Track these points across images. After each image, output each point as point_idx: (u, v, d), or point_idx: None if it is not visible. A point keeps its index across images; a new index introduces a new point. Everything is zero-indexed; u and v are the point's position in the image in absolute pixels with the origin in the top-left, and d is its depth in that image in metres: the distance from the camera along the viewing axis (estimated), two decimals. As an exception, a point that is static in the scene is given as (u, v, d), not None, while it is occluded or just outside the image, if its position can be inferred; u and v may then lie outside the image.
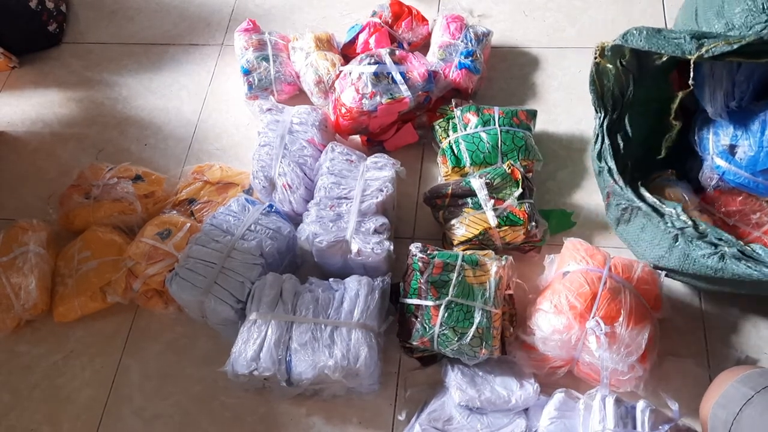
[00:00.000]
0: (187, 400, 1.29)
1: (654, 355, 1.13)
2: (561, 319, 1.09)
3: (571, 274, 1.14)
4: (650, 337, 1.08)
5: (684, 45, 1.07)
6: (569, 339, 1.09)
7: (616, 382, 1.11)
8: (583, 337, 1.09)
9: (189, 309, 1.30)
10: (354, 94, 1.44)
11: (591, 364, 1.12)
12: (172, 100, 1.78)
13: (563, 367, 1.16)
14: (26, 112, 1.82)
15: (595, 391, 1.08)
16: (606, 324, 1.06)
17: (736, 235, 1.21)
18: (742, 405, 0.89)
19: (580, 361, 1.13)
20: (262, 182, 1.39)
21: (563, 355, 1.13)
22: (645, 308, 1.11)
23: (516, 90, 1.65)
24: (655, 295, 1.14)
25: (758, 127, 1.14)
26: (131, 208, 1.47)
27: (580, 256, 1.16)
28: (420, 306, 1.16)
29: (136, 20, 1.97)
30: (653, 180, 1.25)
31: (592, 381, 1.16)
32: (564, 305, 1.10)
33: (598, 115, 1.24)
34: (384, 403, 1.24)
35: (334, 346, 1.14)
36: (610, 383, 1.09)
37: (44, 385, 1.35)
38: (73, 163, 1.66)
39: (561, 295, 1.11)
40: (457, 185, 1.33)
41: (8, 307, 1.37)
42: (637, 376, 1.10)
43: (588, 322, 1.07)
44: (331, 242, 1.24)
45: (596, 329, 1.06)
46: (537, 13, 1.79)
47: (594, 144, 1.24)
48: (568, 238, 1.24)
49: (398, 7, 1.69)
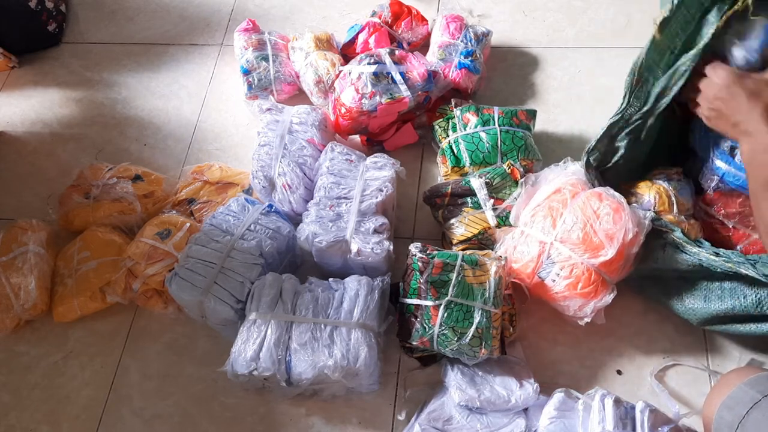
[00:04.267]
0: (186, 400, 1.29)
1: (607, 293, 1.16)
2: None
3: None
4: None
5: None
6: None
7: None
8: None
9: (189, 309, 1.30)
10: (354, 94, 1.44)
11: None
12: (172, 100, 1.78)
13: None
14: (26, 112, 1.82)
15: (594, 391, 1.08)
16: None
17: (735, 237, 1.22)
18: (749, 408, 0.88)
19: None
20: (261, 182, 1.39)
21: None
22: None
23: (515, 90, 1.65)
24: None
25: None
26: (131, 208, 1.47)
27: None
28: (420, 306, 1.16)
29: (136, 20, 1.97)
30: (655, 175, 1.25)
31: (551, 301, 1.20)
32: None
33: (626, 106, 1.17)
34: (384, 403, 1.24)
35: (334, 346, 1.14)
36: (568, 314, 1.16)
37: (44, 385, 1.35)
38: (73, 163, 1.66)
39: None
40: (456, 185, 1.33)
41: (8, 307, 1.36)
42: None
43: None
44: (330, 242, 1.24)
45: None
46: (537, 13, 1.79)
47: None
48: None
49: (398, 7, 1.69)
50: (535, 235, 1.18)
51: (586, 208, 1.14)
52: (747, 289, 1.08)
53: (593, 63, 1.67)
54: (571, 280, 1.13)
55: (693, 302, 1.15)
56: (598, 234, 1.12)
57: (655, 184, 1.21)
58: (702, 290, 1.14)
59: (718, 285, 1.13)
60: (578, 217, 1.14)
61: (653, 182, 1.22)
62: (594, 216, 1.13)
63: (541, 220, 1.18)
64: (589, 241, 1.12)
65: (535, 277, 1.18)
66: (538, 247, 1.17)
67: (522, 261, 1.19)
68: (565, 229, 1.15)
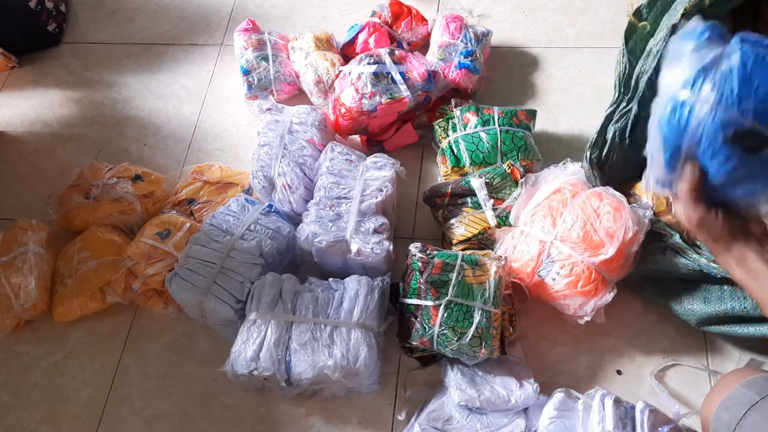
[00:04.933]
0: (186, 400, 1.29)
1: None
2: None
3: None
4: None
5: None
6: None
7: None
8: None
9: (189, 309, 1.30)
10: (353, 94, 1.44)
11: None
12: (172, 100, 1.78)
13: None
14: (26, 112, 1.82)
15: (594, 391, 1.08)
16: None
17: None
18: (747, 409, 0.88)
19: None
20: (261, 182, 1.39)
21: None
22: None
23: (515, 90, 1.65)
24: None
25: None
26: (131, 208, 1.47)
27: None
28: (419, 306, 1.16)
29: (136, 20, 1.97)
30: None
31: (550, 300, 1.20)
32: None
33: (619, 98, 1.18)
34: (383, 403, 1.24)
35: (334, 346, 1.14)
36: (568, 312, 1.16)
37: (44, 385, 1.35)
38: (73, 163, 1.66)
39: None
40: (456, 185, 1.33)
41: (8, 307, 1.36)
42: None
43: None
44: (330, 242, 1.24)
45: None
46: (537, 13, 1.79)
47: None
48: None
49: (398, 7, 1.69)
50: (535, 234, 1.18)
51: (586, 207, 1.14)
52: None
53: (593, 63, 1.67)
54: (572, 278, 1.13)
55: (692, 303, 1.15)
56: (598, 232, 1.12)
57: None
58: (701, 292, 1.14)
59: (718, 287, 1.13)
60: (578, 216, 1.14)
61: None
62: (594, 215, 1.13)
63: (541, 220, 1.18)
64: (590, 240, 1.12)
65: (535, 276, 1.18)
66: (538, 246, 1.17)
67: (522, 260, 1.19)
68: (565, 228, 1.15)
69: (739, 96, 0.67)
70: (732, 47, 0.68)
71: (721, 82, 0.68)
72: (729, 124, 0.68)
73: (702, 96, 0.69)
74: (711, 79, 0.68)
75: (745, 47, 0.67)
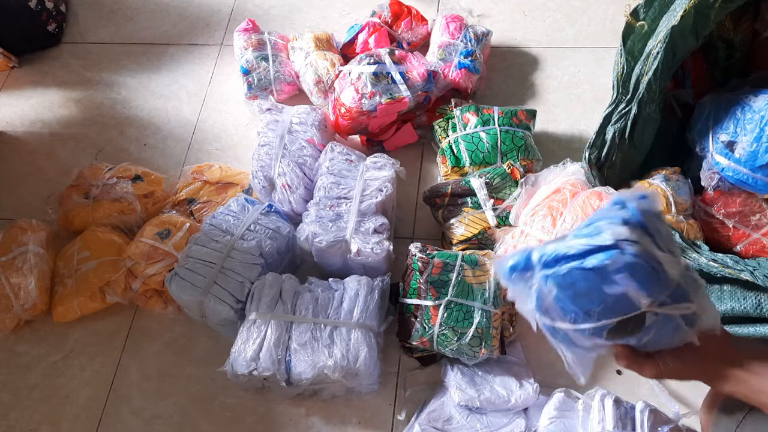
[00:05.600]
0: (186, 400, 1.29)
1: None
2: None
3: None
4: None
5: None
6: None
7: None
8: None
9: (188, 309, 1.30)
10: (353, 94, 1.44)
11: None
12: (172, 100, 1.77)
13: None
14: (25, 112, 1.82)
15: (594, 390, 1.08)
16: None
17: (734, 237, 1.22)
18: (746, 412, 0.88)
19: None
20: (261, 182, 1.39)
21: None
22: None
23: (515, 90, 1.65)
24: None
25: (756, 122, 1.13)
26: (130, 208, 1.47)
27: None
28: (419, 306, 1.16)
29: (136, 20, 1.97)
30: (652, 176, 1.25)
31: None
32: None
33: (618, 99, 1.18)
34: (383, 403, 1.24)
35: (334, 346, 1.14)
36: None
37: (43, 385, 1.35)
38: (73, 163, 1.66)
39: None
40: (456, 185, 1.33)
41: (7, 307, 1.36)
42: None
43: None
44: (330, 242, 1.24)
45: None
46: (536, 13, 1.79)
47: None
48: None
49: (398, 7, 1.69)
50: (535, 234, 1.18)
51: (587, 207, 1.14)
52: (747, 291, 1.08)
53: (593, 63, 1.67)
54: (572, 277, 1.13)
55: None
56: None
57: (652, 185, 1.21)
58: None
59: (718, 287, 1.12)
60: (578, 215, 1.14)
61: (650, 183, 1.22)
62: None
63: (541, 219, 1.18)
64: None
65: None
66: None
67: (522, 260, 1.19)
68: (565, 227, 1.14)
69: (572, 311, 0.66)
70: (536, 277, 0.67)
71: (554, 308, 0.67)
72: (587, 331, 0.67)
73: (553, 320, 0.68)
74: (542, 308, 0.67)
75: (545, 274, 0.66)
